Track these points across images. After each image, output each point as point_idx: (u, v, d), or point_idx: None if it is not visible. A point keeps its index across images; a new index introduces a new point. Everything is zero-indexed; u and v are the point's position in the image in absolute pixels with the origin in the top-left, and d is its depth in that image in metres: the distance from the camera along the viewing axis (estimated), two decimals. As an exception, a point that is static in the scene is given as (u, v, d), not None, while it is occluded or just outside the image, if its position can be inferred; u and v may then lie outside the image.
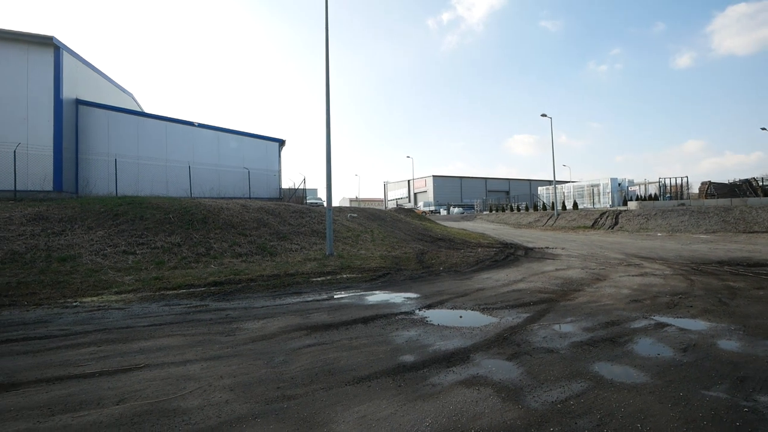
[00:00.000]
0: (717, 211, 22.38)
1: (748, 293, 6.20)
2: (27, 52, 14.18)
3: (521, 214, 35.69)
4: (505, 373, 3.19)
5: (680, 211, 23.79)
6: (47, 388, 2.92)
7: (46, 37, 14.25)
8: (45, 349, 3.80)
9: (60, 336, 4.22)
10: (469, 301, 5.90)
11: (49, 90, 14.42)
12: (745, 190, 28.72)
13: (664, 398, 2.74)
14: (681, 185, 31.21)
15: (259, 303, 5.87)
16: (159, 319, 4.94)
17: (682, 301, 5.75)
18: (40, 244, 8.56)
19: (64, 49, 14.85)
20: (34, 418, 2.48)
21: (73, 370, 3.28)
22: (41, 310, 5.42)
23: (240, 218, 12.17)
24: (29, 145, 13.84)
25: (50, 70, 14.46)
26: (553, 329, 4.43)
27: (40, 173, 13.90)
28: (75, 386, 2.95)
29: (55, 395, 2.80)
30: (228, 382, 3.01)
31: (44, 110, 14.33)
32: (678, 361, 3.44)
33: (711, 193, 29.70)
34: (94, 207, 10.85)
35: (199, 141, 19.34)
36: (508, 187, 72.58)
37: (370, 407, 2.62)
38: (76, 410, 2.57)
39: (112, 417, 2.48)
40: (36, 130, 14.13)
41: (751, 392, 2.82)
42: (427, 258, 11.08)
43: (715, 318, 4.82)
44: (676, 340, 3.99)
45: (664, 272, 8.46)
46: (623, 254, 11.99)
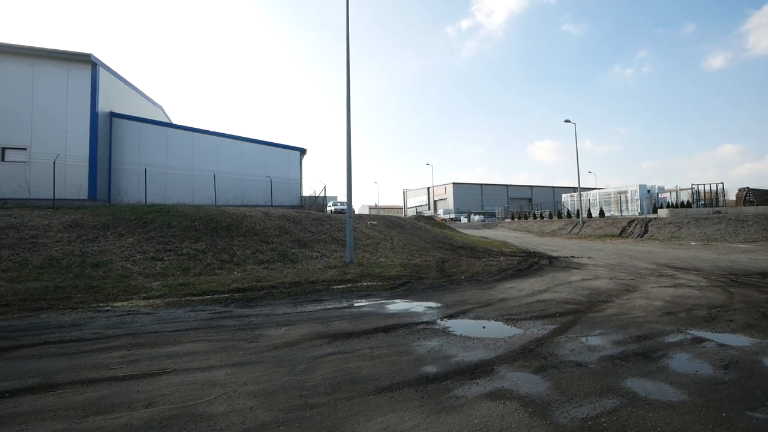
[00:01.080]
0: (757, 219, 21.05)
1: (796, 307, 5.76)
2: (67, 68, 15.19)
3: (545, 222, 34.80)
4: (531, 387, 3.08)
5: (716, 219, 22.53)
6: (81, 390, 3.04)
7: (84, 54, 15.23)
8: (79, 352, 3.97)
9: (93, 339, 4.40)
10: (492, 312, 5.76)
11: (86, 104, 15.36)
12: (788, 196, 26.93)
13: (705, 418, 2.56)
14: (716, 192, 29.61)
15: (281, 310, 5.94)
16: (185, 324, 5.08)
17: (721, 314, 5.41)
18: (75, 250, 9.02)
19: (100, 65, 15.82)
20: (69, 418, 2.58)
21: (106, 372, 3.40)
22: (76, 313, 5.68)
23: (262, 226, 12.44)
24: (67, 156, 14.74)
25: (87, 85, 15.42)
26: (581, 342, 4.25)
27: (77, 183, 14.74)
28: (107, 389, 3.06)
29: (89, 397, 2.91)
30: (252, 389, 3.04)
31: (81, 123, 15.25)
32: (719, 379, 3.22)
33: (750, 200, 28.03)
34: (125, 215, 11.38)
35: (223, 150, 20.03)
36: (531, 194, 70.96)
37: (392, 418, 2.58)
38: (108, 412, 2.66)
39: (141, 420, 2.55)
40: (74, 142, 15.05)
41: (804, 415, 2.59)
42: (448, 266, 10.93)
43: (758, 333, 4.51)
44: (715, 357, 3.75)
45: (699, 283, 8.00)
46: (654, 264, 11.44)
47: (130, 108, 18.75)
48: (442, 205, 66.39)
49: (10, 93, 14.56)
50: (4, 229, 9.50)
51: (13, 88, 14.60)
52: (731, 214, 23.23)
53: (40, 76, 14.88)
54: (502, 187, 71.83)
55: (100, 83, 15.85)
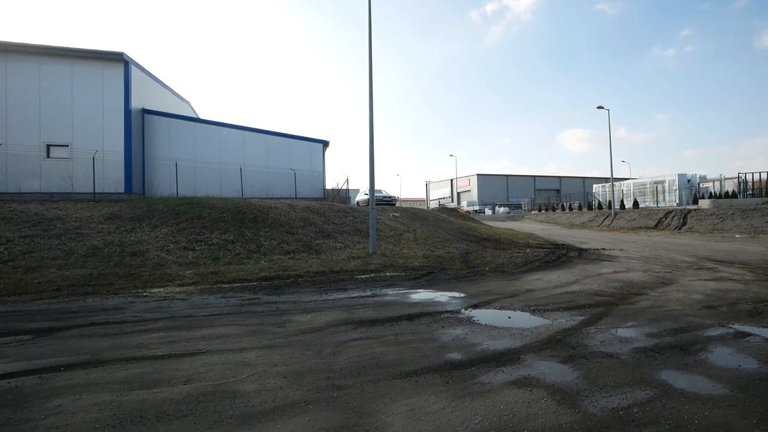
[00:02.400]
0: (811, 209, 19.36)
1: None
2: (101, 68, 16.00)
3: (573, 214, 33.56)
4: (559, 376, 3.02)
5: (765, 209, 20.86)
6: (126, 366, 3.27)
7: (117, 53, 15.97)
8: (122, 333, 4.26)
9: (134, 321, 4.70)
10: (518, 302, 5.67)
11: (120, 101, 16.15)
12: None
13: (748, 413, 2.43)
14: (766, 181, 27.34)
15: (307, 297, 6.10)
16: (217, 309, 5.33)
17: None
18: (115, 240, 9.62)
19: (132, 64, 16.54)
20: (117, 391, 2.80)
21: (147, 351, 3.64)
22: (117, 298, 6.09)
23: (287, 217, 12.75)
24: (104, 151, 15.62)
25: (120, 83, 16.19)
26: (611, 333, 4.11)
27: (114, 177, 15.63)
28: (148, 366, 3.28)
29: (133, 373, 3.13)
30: (281, 370, 3.17)
31: (116, 120, 16.07)
32: (764, 374, 3.05)
33: (803, 189, 25.73)
34: (159, 207, 11.97)
35: (249, 144, 20.57)
36: (559, 185, 68.36)
37: (418, 401, 2.62)
38: (150, 387, 2.85)
39: (180, 395, 2.72)
40: (110, 138, 15.91)
41: None
42: (472, 258, 10.81)
43: (811, 329, 4.19)
44: (761, 352, 3.53)
45: (744, 277, 7.50)
46: (693, 257, 10.81)
47: (160, 104, 19.55)
48: (465, 197, 65.29)
49: (52, 92, 15.54)
50: (52, 221, 10.25)
51: (54, 87, 15.57)
52: (782, 204, 21.44)
53: (78, 76, 15.77)
54: (529, 178, 69.57)
55: (132, 81, 16.58)
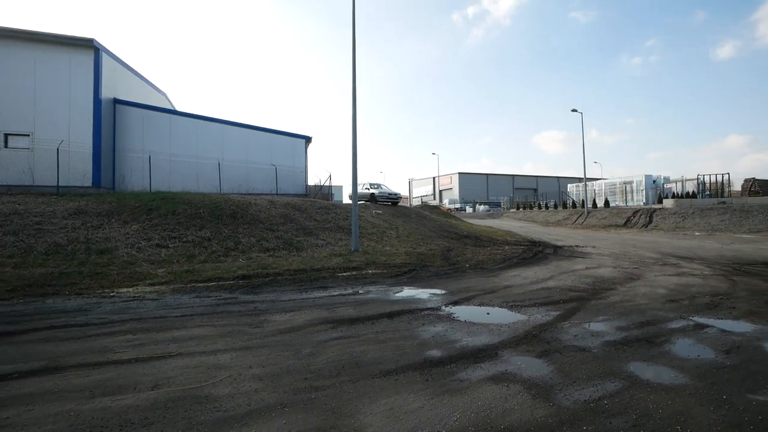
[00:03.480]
0: (762, 210, 20.86)
1: (801, 296, 5.74)
2: (69, 54, 15.01)
3: (549, 212, 34.62)
4: (534, 371, 3.09)
5: (721, 209, 22.32)
6: (87, 373, 3.08)
7: (87, 39, 15.03)
8: (85, 336, 4.02)
9: (98, 324, 4.45)
10: (497, 299, 5.78)
11: (89, 90, 15.22)
12: (795, 186, 26.64)
13: (706, 400, 2.58)
14: (721, 182, 29.27)
15: (286, 296, 5.98)
16: (190, 310, 5.13)
17: (724, 302, 5.40)
18: (80, 236, 9.09)
19: (103, 51, 15.62)
20: (76, 400, 2.62)
21: (111, 356, 3.45)
22: (81, 299, 5.75)
23: (267, 214, 12.46)
24: (71, 142, 14.70)
25: (90, 71, 15.26)
26: (584, 328, 4.26)
27: (81, 169, 14.75)
28: (113, 371, 3.10)
29: (95, 379, 2.95)
30: (257, 372, 3.08)
31: (85, 109, 15.15)
32: (720, 363, 3.24)
33: (755, 191, 27.73)
34: (130, 202, 11.42)
35: (228, 138, 19.90)
36: (536, 184, 70.44)
37: (397, 400, 2.61)
38: (114, 394, 2.70)
39: (147, 401, 2.59)
40: (77, 128, 14.98)
41: (805, 399, 2.60)
42: (453, 255, 10.94)
43: (760, 320, 4.51)
44: (717, 342, 3.77)
45: (703, 272, 7.96)
46: (658, 253, 11.39)
47: (134, 95, 18.58)
48: (447, 195, 66.12)
49: (11, 78, 14.45)
50: (8, 215, 9.57)
51: (14, 73, 14.48)
52: (736, 205, 23.01)
53: (42, 62, 14.73)
54: (508, 177, 71.31)
55: (103, 69, 15.67)
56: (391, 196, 21.33)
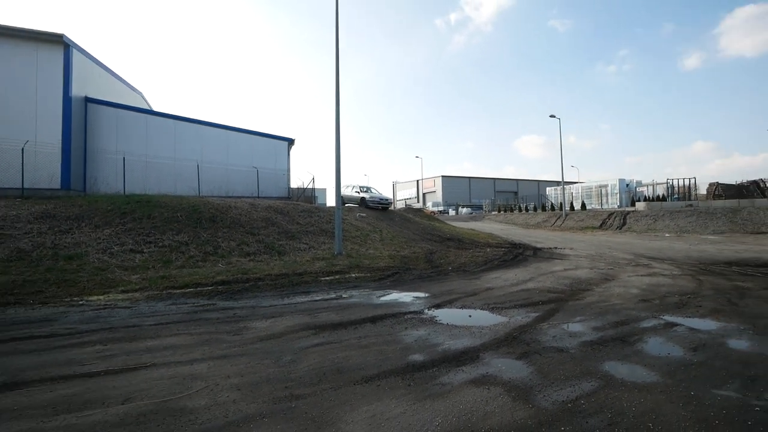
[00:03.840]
0: (725, 212, 22.12)
1: (757, 293, 6.12)
2: (36, 49, 14.29)
3: (529, 215, 35.47)
4: (515, 372, 3.14)
5: (688, 211, 23.50)
6: (51, 387, 2.91)
7: (56, 35, 14.36)
8: (50, 348, 3.80)
9: (65, 335, 4.22)
10: (478, 301, 5.85)
11: (58, 88, 14.51)
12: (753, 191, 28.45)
13: (675, 397, 2.69)
14: (689, 186, 30.90)
15: (267, 302, 5.86)
16: (166, 317, 4.95)
17: (691, 300, 5.67)
18: (46, 242, 8.62)
19: (73, 47, 14.95)
20: (37, 417, 2.46)
21: (78, 369, 3.27)
22: (47, 308, 5.45)
23: (248, 217, 12.20)
24: (37, 142, 13.96)
25: (60, 67, 14.55)
26: (562, 328, 4.37)
27: (48, 171, 14.02)
28: (80, 385, 2.94)
29: (60, 394, 2.79)
30: (235, 381, 2.99)
31: (53, 108, 14.43)
32: (688, 360, 3.39)
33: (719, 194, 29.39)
34: (102, 205, 10.93)
35: (207, 139, 19.40)
36: (517, 187, 72.26)
37: (379, 407, 2.59)
38: (81, 410, 2.55)
39: (117, 416, 2.46)
40: (44, 127, 14.25)
41: (762, 391, 2.77)
42: (436, 258, 11.02)
43: (724, 318, 4.75)
44: (686, 340, 3.94)
45: (672, 272, 8.34)
46: (631, 254, 11.85)
47: (108, 93, 17.86)
48: (431, 198, 66.82)
49: (-29, 75, 13.63)
50: (-32, 220, 8.98)
51: (-26, 69, 13.66)
52: (702, 208, 24.29)
53: (7, 57, 13.95)
54: (490, 181, 72.85)
55: (74, 66, 14.98)
56: (382, 201, 20.35)
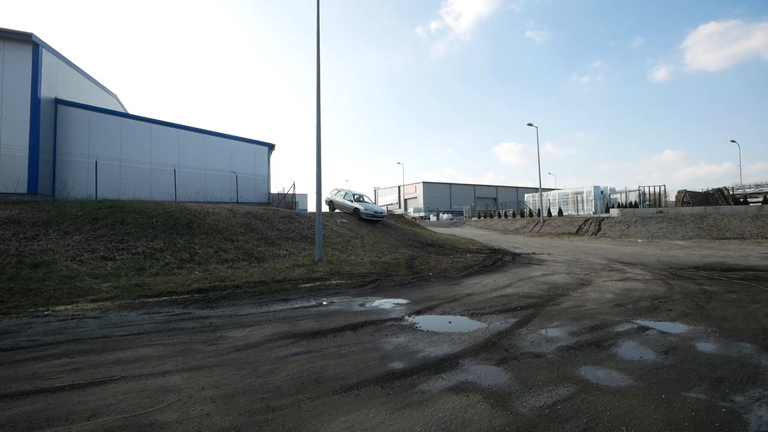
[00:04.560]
0: (692, 219, 23.25)
1: (722, 297, 6.41)
2: (3, 48, 13.64)
3: (508, 221, 36.20)
4: (493, 379, 3.17)
5: (659, 218, 24.58)
6: (10, 404, 2.73)
7: (25, 33, 13.76)
8: (10, 362, 3.57)
9: (28, 347, 3.98)
10: (458, 307, 5.90)
11: (26, 88, 13.87)
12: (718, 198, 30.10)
13: (647, 401, 2.78)
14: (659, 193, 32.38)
15: (245, 310, 5.72)
16: (138, 328, 4.74)
17: (662, 305, 5.89)
18: (10, 249, 8.15)
19: (43, 47, 14.36)
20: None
21: (41, 383, 3.09)
22: (8, 319, 5.13)
23: (227, 223, 11.92)
24: (2, 145, 13.26)
25: (28, 67, 13.93)
26: (540, 334, 4.45)
27: (14, 175, 13.31)
28: (42, 401, 2.77)
29: (19, 411, 2.62)
30: (210, 394, 2.89)
31: (20, 109, 13.77)
32: (659, 363, 3.50)
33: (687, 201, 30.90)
34: (72, 210, 10.44)
35: (185, 144, 18.93)
36: (496, 194, 73.80)
37: (357, 417, 2.56)
38: (42, 427, 2.41)
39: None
40: (10, 129, 13.56)
41: (727, 393, 2.89)
42: (417, 263, 11.07)
43: (692, 321, 4.95)
44: (657, 343, 4.07)
45: (644, 277, 8.67)
46: (606, 260, 12.26)
47: (80, 95, 17.20)
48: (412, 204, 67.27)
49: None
50: None
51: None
52: (671, 214, 25.45)
53: (-33, 55, 13.26)
54: (470, 187, 74.11)
55: (43, 66, 14.38)
56: (377, 213, 18.27)
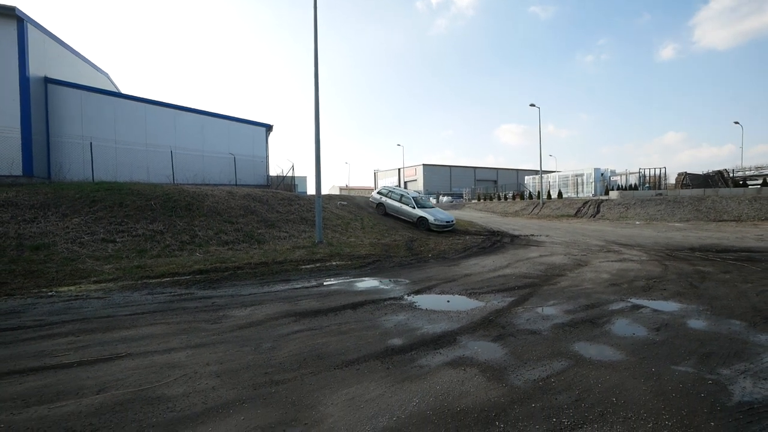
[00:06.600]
0: (691, 201, 23.32)
1: (716, 277, 6.53)
2: (-16, 24, 13.16)
3: (508, 203, 36.22)
4: (490, 354, 3.27)
5: (657, 200, 24.63)
6: (21, 380, 2.81)
7: (8, 7, 13.23)
8: (18, 340, 3.65)
9: (34, 327, 4.06)
10: (457, 287, 5.99)
11: (13, 66, 13.43)
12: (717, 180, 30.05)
13: (638, 374, 2.88)
14: (659, 176, 32.28)
15: (247, 290, 5.80)
16: (141, 307, 4.82)
17: (657, 284, 6.00)
18: (10, 231, 8.16)
19: (28, 22, 13.85)
20: (6, 410, 2.39)
21: (49, 360, 3.17)
22: (13, 300, 5.20)
23: (226, 205, 11.90)
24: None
25: (14, 44, 13.44)
26: (536, 312, 4.56)
27: (7, 156, 13.14)
28: (51, 377, 2.86)
29: (30, 386, 2.71)
30: (214, 369, 2.98)
31: (9, 88, 13.41)
32: (651, 339, 3.62)
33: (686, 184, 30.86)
34: (69, 193, 10.39)
35: (182, 125, 18.60)
36: (496, 176, 73.40)
37: (358, 389, 2.65)
38: (53, 401, 2.49)
39: (91, 406, 2.42)
40: (0, 109, 13.29)
41: (714, 366, 3.01)
42: (417, 245, 11.16)
43: (685, 300, 5.07)
44: (649, 321, 4.19)
45: (641, 258, 8.78)
46: (604, 241, 12.37)
47: (70, 74, 16.72)
48: (412, 186, 66.99)
49: None
50: None
51: None
52: (670, 196, 25.49)
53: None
54: (470, 169, 73.60)
55: (30, 42, 13.89)
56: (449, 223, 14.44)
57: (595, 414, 2.34)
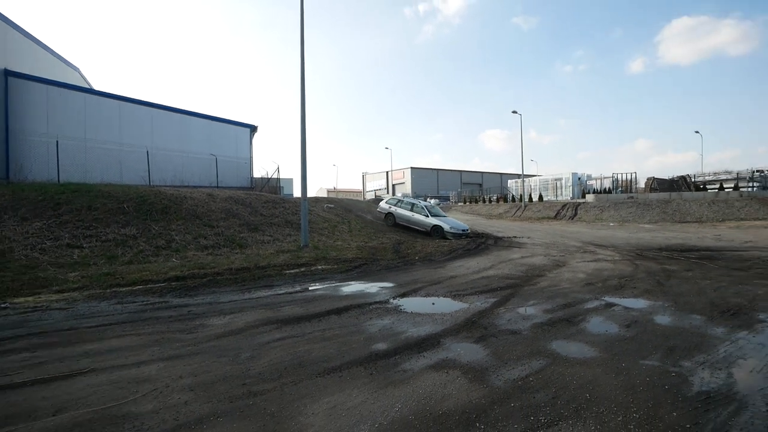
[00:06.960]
0: (658, 204, 24.66)
1: (680, 275, 6.89)
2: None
3: (492, 206, 36.88)
4: (472, 355, 3.28)
5: (629, 203, 25.77)
6: (-35, 402, 2.56)
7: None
8: (-33, 357, 3.36)
9: (-14, 341, 3.75)
10: (442, 289, 6.01)
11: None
12: (681, 185, 31.97)
13: (609, 370, 2.98)
14: (630, 180, 33.89)
15: (226, 297, 5.60)
16: (109, 318, 4.56)
17: (628, 283, 6.25)
18: (-36, 238, 7.59)
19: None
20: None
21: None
22: (-33, 311, 4.81)
23: (206, 208, 11.52)
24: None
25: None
26: (517, 312, 4.62)
27: (-38, 158, 12.27)
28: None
29: (-25, 409, 2.47)
30: (188, 382, 2.83)
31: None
32: (622, 336, 3.77)
33: (654, 188, 32.51)
34: (30, 195, 9.78)
35: (159, 124, 17.90)
36: (482, 179, 74.86)
37: (340, 397, 2.58)
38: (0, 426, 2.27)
39: (45, 430, 2.21)
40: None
41: (677, 359, 3.17)
42: (403, 248, 11.16)
43: (653, 297, 5.32)
44: (621, 318, 4.36)
45: (614, 258, 9.11)
46: (581, 242, 12.77)
47: (36, 67, 15.69)
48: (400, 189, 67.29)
49: None
50: None
51: None
52: (641, 199, 26.81)
53: None
54: (456, 173, 74.88)
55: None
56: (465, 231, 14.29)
57: (571, 410, 2.39)
